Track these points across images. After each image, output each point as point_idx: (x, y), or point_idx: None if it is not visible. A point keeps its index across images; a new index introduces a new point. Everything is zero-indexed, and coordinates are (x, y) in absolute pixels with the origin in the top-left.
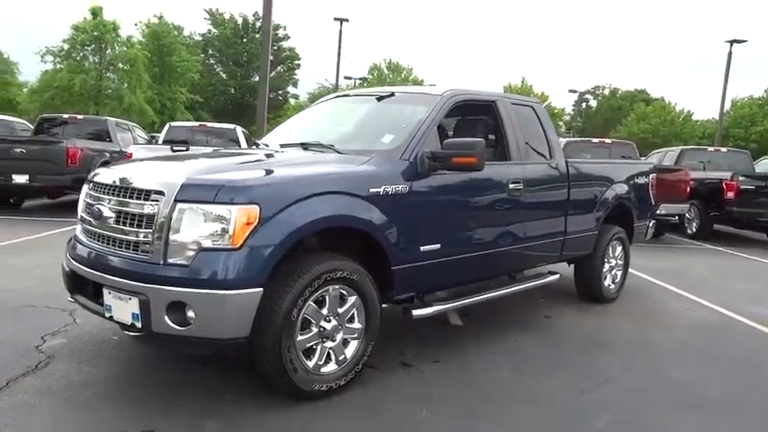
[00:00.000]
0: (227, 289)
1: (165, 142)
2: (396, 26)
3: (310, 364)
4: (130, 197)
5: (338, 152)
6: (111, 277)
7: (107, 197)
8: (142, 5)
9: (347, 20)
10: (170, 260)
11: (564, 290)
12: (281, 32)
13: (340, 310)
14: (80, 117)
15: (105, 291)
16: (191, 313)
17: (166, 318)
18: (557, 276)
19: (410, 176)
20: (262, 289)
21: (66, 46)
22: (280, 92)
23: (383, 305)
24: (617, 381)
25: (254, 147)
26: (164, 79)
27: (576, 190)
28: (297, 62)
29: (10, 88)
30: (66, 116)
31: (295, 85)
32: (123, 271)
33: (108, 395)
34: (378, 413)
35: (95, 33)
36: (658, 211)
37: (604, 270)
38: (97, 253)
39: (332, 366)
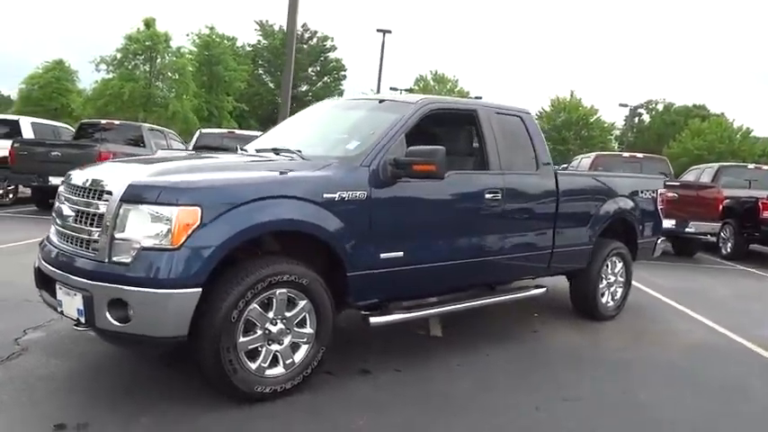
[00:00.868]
0: (165, 288)
1: (195, 148)
2: (443, 37)
3: (253, 365)
4: (87, 197)
5: (302, 158)
6: (62, 273)
7: (72, 197)
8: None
9: (390, 31)
10: (114, 258)
11: (562, 305)
12: (328, 44)
13: (288, 314)
14: (117, 123)
15: (57, 286)
16: (130, 311)
17: (108, 314)
18: (543, 290)
19: (370, 183)
20: (200, 289)
21: (118, 55)
22: None
23: (348, 310)
24: (577, 400)
25: (239, 152)
26: (212, 88)
27: (566, 203)
28: (343, 73)
29: (69, 95)
30: (104, 122)
31: (341, 95)
32: (73, 268)
33: (61, 388)
34: (317, 418)
35: (147, 43)
36: (688, 229)
37: (601, 286)
38: (58, 251)
39: (279, 370)
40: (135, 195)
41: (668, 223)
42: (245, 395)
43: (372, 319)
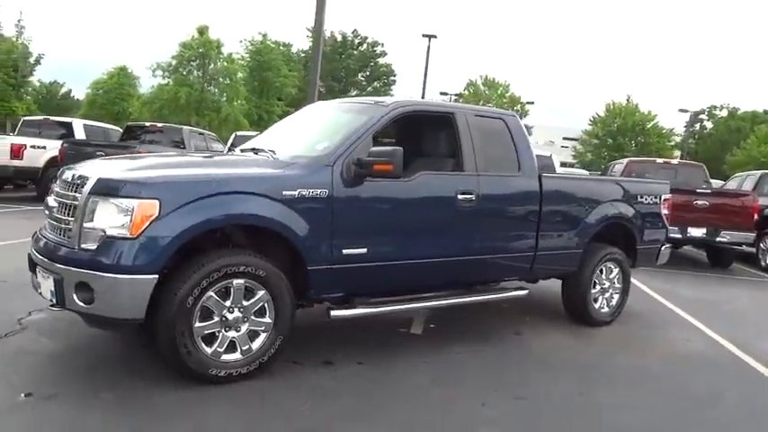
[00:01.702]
0: (123, 273)
1: (230, 149)
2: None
3: (209, 350)
4: (69, 190)
5: (274, 158)
6: (42, 259)
7: (59, 191)
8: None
9: (435, 36)
10: (82, 245)
11: (557, 309)
12: (378, 49)
13: (246, 303)
14: (159, 125)
15: (37, 270)
16: (94, 293)
17: (75, 296)
18: (524, 292)
19: (333, 182)
20: (156, 276)
21: (173, 62)
22: None
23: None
24: (527, 398)
25: (231, 152)
26: (263, 93)
27: (552, 206)
28: (392, 78)
29: (131, 99)
30: (148, 124)
31: None
32: (51, 254)
33: (42, 363)
34: (266, 402)
35: (200, 50)
36: (719, 239)
37: (593, 291)
38: (45, 240)
39: (236, 355)
40: (102, 188)
41: (698, 232)
42: (200, 376)
43: (333, 313)
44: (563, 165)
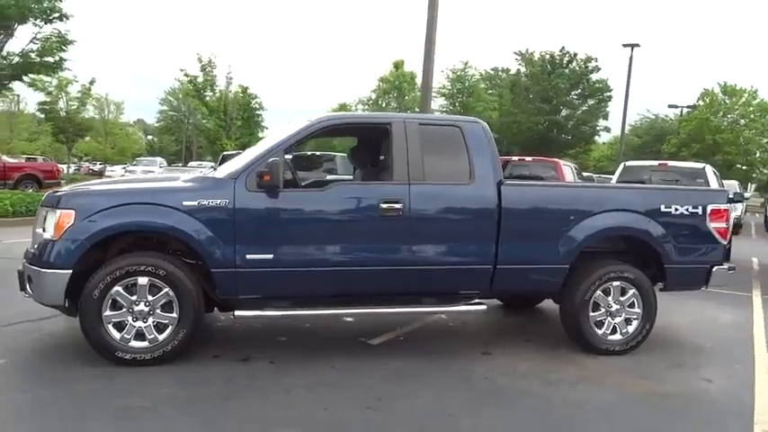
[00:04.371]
0: (46, 268)
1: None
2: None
3: (118, 335)
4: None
5: (206, 175)
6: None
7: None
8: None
9: (638, 45)
10: (34, 246)
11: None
12: (591, 65)
13: (151, 298)
14: (308, 153)
15: None
16: (33, 284)
17: (27, 285)
18: (480, 308)
19: (234, 192)
20: (70, 271)
21: (373, 95)
22: (589, 125)
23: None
24: (381, 411)
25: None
26: None
27: (518, 216)
28: (608, 94)
29: None
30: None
31: (605, 118)
32: (24, 253)
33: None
34: (155, 383)
35: (396, 83)
36: None
37: (594, 314)
38: None
39: (144, 344)
40: (47, 202)
41: None
42: (109, 357)
43: (237, 313)
44: None
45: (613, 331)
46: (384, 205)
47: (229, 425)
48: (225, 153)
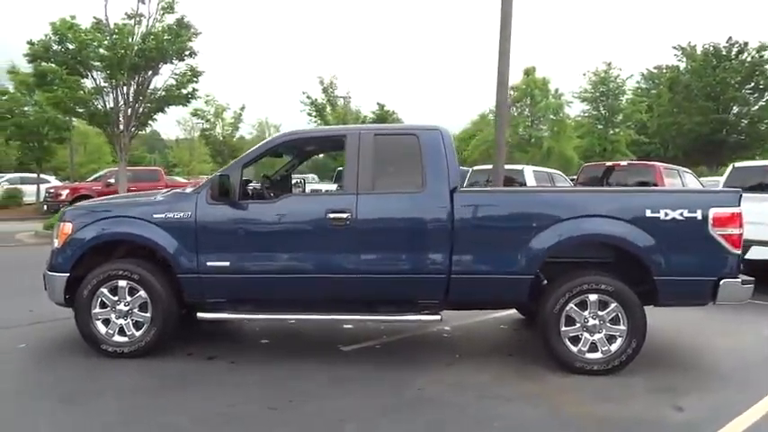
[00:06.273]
0: (51, 272)
1: (470, 184)
2: None
3: (103, 331)
4: None
5: (189, 191)
6: None
7: None
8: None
9: None
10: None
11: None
12: (766, 54)
13: (129, 299)
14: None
15: None
16: (47, 284)
17: (46, 285)
18: (434, 318)
19: (196, 205)
20: (68, 274)
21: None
22: (767, 123)
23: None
24: (277, 410)
25: None
26: (608, 122)
27: (472, 225)
28: None
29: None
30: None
31: None
32: None
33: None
34: (121, 372)
35: (528, 90)
36: None
37: (567, 329)
38: None
39: (123, 338)
40: (61, 216)
41: None
42: (97, 349)
43: (199, 314)
44: None
45: (593, 349)
46: (331, 215)
47: (151, 414)
48: (339, 168)
